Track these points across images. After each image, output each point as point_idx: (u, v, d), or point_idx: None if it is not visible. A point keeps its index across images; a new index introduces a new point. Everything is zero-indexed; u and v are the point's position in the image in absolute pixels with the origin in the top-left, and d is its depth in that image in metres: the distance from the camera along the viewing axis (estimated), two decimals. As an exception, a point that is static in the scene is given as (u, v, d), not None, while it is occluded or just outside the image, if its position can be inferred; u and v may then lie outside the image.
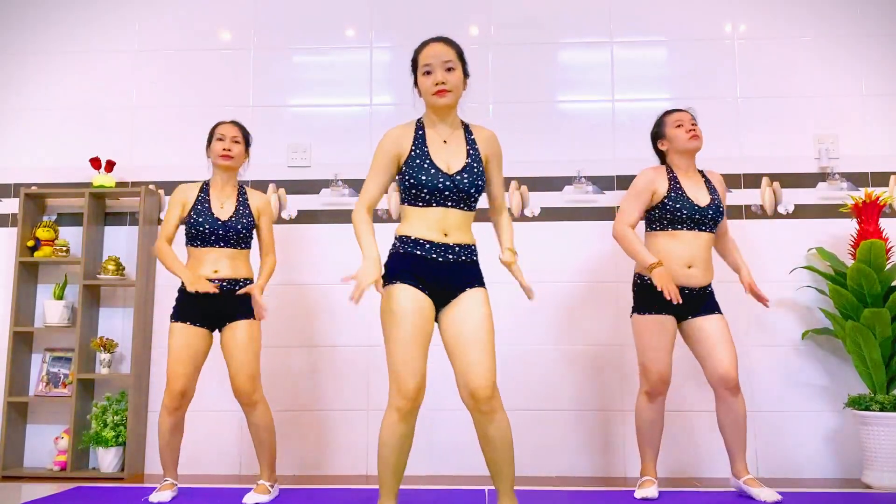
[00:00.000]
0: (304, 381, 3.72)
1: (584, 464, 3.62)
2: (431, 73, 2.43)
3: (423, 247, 2.40)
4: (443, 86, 2.41)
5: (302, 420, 3.69)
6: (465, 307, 2.38)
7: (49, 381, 3.75)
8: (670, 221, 3.00)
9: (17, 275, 3.69)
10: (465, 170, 2.44)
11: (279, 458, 3.54)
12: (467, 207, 2.45)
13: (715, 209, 3.01)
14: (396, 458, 2.36)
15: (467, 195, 2.43)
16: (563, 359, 3.69)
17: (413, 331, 2.33)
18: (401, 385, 2.32)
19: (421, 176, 2.40)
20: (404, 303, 2.34)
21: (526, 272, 3.69)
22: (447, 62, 2.43)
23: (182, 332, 2.94)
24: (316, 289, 3.78)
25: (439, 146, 2.47)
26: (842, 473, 3.55)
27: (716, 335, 2.94)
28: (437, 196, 2.40)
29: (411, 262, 2.40)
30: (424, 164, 2.41)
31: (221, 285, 2.98)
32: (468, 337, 2.34)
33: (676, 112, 3.12)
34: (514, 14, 3.96)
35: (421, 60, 2.47)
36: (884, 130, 3.79)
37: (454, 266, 2.41)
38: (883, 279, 3.32)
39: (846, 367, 3.59)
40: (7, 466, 3.58)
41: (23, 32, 4.06)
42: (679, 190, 3.01)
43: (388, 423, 2.35)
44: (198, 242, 3.02)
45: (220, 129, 3.13)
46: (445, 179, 2.40)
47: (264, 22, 4.01)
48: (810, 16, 3.90)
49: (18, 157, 3.97)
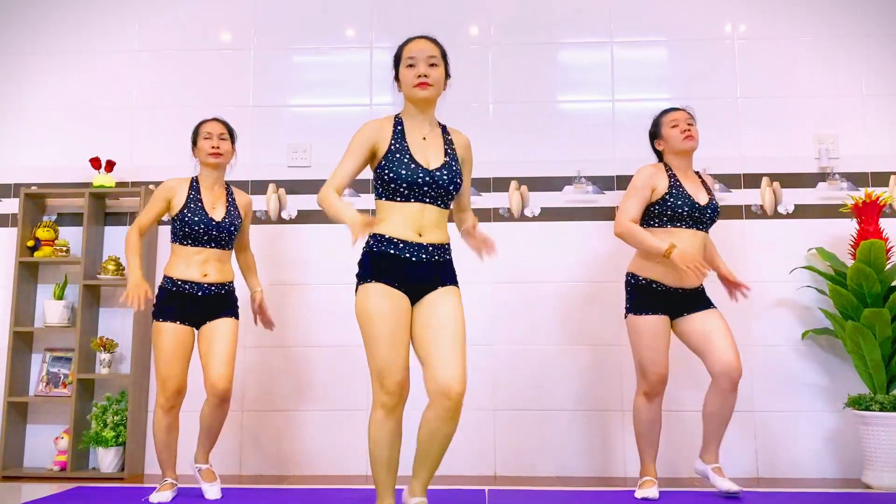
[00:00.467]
0: (304, 381, 3.72)
1: (585, 464, 3.62)
2: (414, 67, 2.44)
3: (396, 246, 2.39)
4: (425, 79, 2.42)
5: (302, 420, 3.69)
6: (437, 303, 2.39)
7: (49, 381, 3.75)
8: (670, 218, 2.99)
9: (17, 275, 3.69)
10: (444, 167, 2.44)
11: (281, 456, 3.54)
12: (444, 205, 2.46)
13: (713, 209, 3.02)
14: (389, 455, 2.37)
15: (445, 192, 2.43)
16: (562, 359, 3.68)
17: (392, 327, 2.33)
18: (384, 381, 2.32)
19: (401, 170, 2.39)
20: (381, 300, 2.35)
21: (526, 272, 3.70)
22: (431, 57, 2.44)
23: (170, 331, 2.93)
24: (316, 289, 3.78)
25: (419, 142, 2.47)
26: (842, 473, 3.54)
27: (716, 328, 2.94)
28: (416, 191, 2.40)
29: (385, 261, 2.39)
30: (404, 159, 2.41)
31: (210, 288, 3.00)
32: (440, 333, 2.33)
33: (673, 111, 3.11)
34: (514, 14, 3.96)
35: (405, 54, 2.47)
36: (884, 130, 3.79)
37: (427, 265, 2.41)
38: (883, 279, 3.32)
39: (846, 367, 3.59)
40: (7, 466, 3.58)
41: (23, 32, 4.06)
42: (680, 187, 3.01)
43: (375, 420, 2.36)
44: (188, 241, 3.00)
45: (206, 128, 3.12)
46: (425, 175, 2.40)
47: (264, 22, 4.01)
48: (810, 16, 3.90)
49: (18, 157, 3.97)
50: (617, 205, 3.74)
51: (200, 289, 2.98)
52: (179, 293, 2.96)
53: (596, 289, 3.73)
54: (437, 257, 2.44)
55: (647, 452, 3.05)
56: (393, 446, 2.37)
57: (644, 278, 3.00)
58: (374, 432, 2.35)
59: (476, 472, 3.60)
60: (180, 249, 3.01)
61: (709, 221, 3.02)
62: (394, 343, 2.32)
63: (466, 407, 3.51)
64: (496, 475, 3.60)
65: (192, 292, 2.97)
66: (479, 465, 3.62)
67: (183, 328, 2.96)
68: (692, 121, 3.09)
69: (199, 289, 2.98)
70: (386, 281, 2.37)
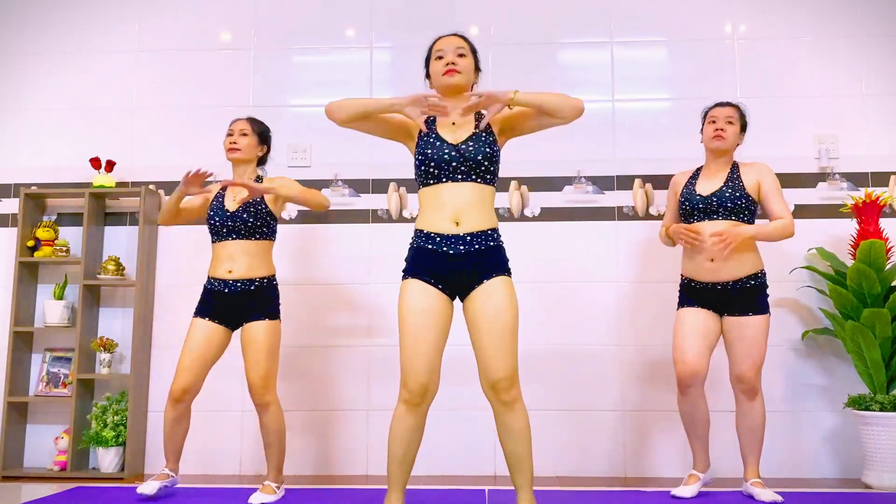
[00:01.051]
0: (304, 381, 3.72)
1: (585, 464, 3.62)
2: (442, 58, 2.49)
3: (434, 241, 2.41)
4: (453, 66, 2.46)
5: (302, 420, 3.69)
6: (484, 298, 2.38)
7: (49, 381, 3.75)
8: (683, 215, 3.06)
9: (17, 275, 3.69)
10: (471, 139, 2.44)
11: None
12: (480, 180, 2.42)
13: (720, 195, 2.96)
14: (404, 451, 2.39)
15: (475, 164, 2.41)
16: (563, 358, 3.68)
17: (419, 331, 2.35)
18: (406, 381, 2.37)
19: (427, 150, 2.43)
20: (414, 300, 2.37)
21: (526, 272, 3.69)
22: (459, 48, 2.50)
23: (198, 327, 2.97)
24: (315, 289, 3.78)
25: (448, 126, 2.50)
26: (842, 473, 3.54)
27: (740, 335, 2.93)
28: (445, 169, 2.40)
29: (425, 258, 2.41)
30: (431, 139, 2.45)
31: (235, 285, 2.98)
32: (485, 330, 2.35)
33: (717, 107, 3.09)
34: (514, 14, 3.96)
35: (434, 49, 2.54)
36: (884, 130, 3.79)
37: (467, 257, 2.39)
38: (883, 279, 3.32)
39: (846, 367, 3.59)
40: (7, 466, 3.58)
41: (23, 32, 4.06)
42: (691, 185, 3.06)
43: (397, 415, 2.40)
44: (215, 237, 3.05)
45: (231, 125, 3.15)
46: (451, 150, 2.41)
47: (264, 22, 4.01)
48: (810, 16, 3.89)
49: (18, 157, 3.97)
50: (617, 205, 3.77)
51: (226, 286, 2.97)
52: (212, 291, 3.00)
53: (596, 289, 3.73)
54: (479, 246, 2.41)
55: (692, 444, 3.05)
56: (410, 443, 2.40)
57: (685, 277, 3.07)
58: (394, 426, 2.40)
59: (476, 472, 3.60)
60: (213, 247, 3.07)
61: (721, 209, 2.96)
62: (420, 343, 2.35)
63: (466, 407, 3.54)
64: (496, 475, 3.60)
65: (220, 290, 2.98)
66: (479, 465, 3.62)
67: (213, 326, 2.97)
68: (733, 119, 3.04)
69: (224, 286, 2.98)
70: (425, 278, 2.39)
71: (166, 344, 3.73)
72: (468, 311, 2.42)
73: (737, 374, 2.94)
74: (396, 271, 2.54)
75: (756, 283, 2.96)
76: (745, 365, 2.92)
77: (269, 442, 3.00)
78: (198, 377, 2.95)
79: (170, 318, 3.75)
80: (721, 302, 2.97)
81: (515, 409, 2.37)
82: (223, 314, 2.98)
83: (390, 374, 3.60)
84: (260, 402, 2.95)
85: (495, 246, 2.44)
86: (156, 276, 3.83)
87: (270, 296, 3.02)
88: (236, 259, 2.99)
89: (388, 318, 3.67)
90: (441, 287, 2.40)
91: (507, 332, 2.36)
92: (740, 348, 2.93)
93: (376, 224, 3.82)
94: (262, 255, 3.03)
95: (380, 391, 3.68)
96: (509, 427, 2.38)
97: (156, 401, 3.72)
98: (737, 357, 2.94)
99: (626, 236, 3.75)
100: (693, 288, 3.01)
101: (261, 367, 2.94)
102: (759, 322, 2.93)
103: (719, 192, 2.98)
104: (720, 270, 2.93)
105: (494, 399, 2.38)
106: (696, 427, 3.02)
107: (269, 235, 3.07)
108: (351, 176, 3.83)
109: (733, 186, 2.99)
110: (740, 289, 2.94)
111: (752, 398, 2.94)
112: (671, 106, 3.86)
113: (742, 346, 2.93)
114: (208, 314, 2.98)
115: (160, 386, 3.70)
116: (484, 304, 2.37)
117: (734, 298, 2.95)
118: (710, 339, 2.98)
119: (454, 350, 2.69)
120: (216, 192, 3.12)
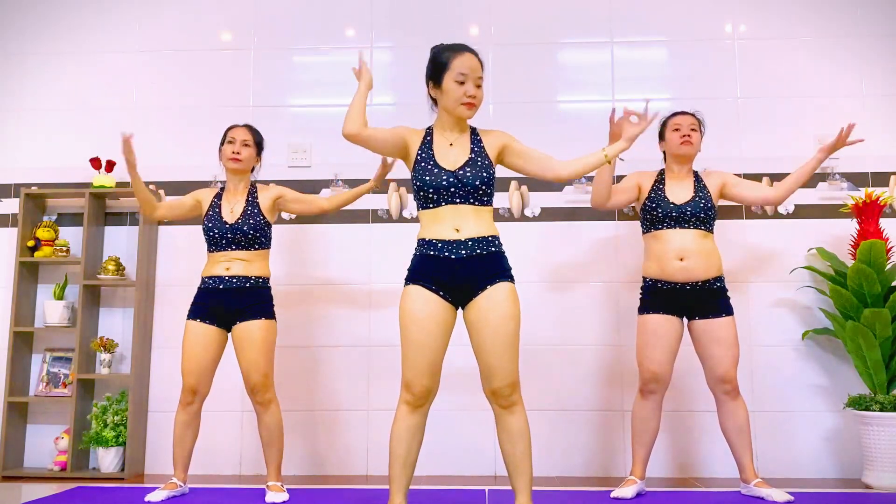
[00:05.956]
0: (304, 382, 3.72)
1: (585, 464, 3.62)
2: (464, 84, 2.44)
3: (435, 246, 2.42)
4: (472, 100, 2.45)
5: (302, 420, 3.69)
6: (489, 306, 2.38)
7: (49, 381, 3.75)
8: (652, 221, 3.06)
9: (17, 275, 3.69)
10: (468, 164, 2.45)
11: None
12: (478, 202, 2.45)
13: (695, 205, 3.00)
14: (406, 451, 2.39)
15: (474, 189, 2.43)
16: (562, 359, 3.68)
17: (420, 336, 2.36)
18: (409, 385, 2.39)
19: (425, 177, 2.43)
20: (415, 306, 2.38)
21: (526, 272, 3.69)
22: (479, 78, 2.47)
23: (193, 330, 2.97)
24: (315, 289, 3.78)
25: (445, 148, 2.49)
26: (842, 473, 3.54)
27: (716, 337, 2.95)
28: (444, 194, 2.42)
29: (427, 264, 2.42)
30: (428, 166, 2.45)
31: (231, 281, 2.99)
32: (490, 339, 2.36)
33: (679, 115, 3.13)
34: (514, 14, 3.96)
35: (455, 66, 2.44)
36: (884, 130, 3.78)
37: (469, 262, 2.40)
38: (883, 279, 3.32)
39: (846, 367, 3.59)
40: (7, 466, 3.58)
41: (23, 32, 4.06)
42: (660, 191, 3.07)
43: (398, 416, 2.42)
44: (212, 247, 3.06)
45: (231, 133, 3.14)
46: (449, 176, 2.42)
47: (264, 22, 4.01)
48: (810, 16, 3.89)
49: (18, 157, 3.97)
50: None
51: (222, 282, 2.99)
52: (206, 290, 3.00)
53: (596, 289, 3.73)
54: (480, 251, 2.42)
55: (637, 451, 3.05)
56: (412, 443, 2.41)
57: (650, 279, 3.04)
58: (395, 427, 2.41)
59: (476, 472, 3.60)
60: (209, 256, 3.07)
61: (693, 219, 2.99)
62: (422, 349, 2.36)
63: (466, 407, 3.54)
64: (496, 475, 3.60)
65: (215, 286, 2.99)
66: (479, 465, 3.62)
67: (208, 328, 2.97)
68: (696, 126, 3.09)
69: (220, 282, 2.99)
70: (426, 284, 2.40)
71: (166, 344, 3.73)
72: (471, 317, 2.41)
73: (720, 375, 2.94)
74: (397, 271, 2.55)
75: (720, 284, 3.02)
76: (726, 365, 2.93)
77: (271, 441, 3.00)
78: (203, 379, 2.97)
79: (170, 318, 3.75)
80: (686, 306, 2.99)
81: (515, 412, 2.40)
82: (217, 314, 2.98)
83: (390, 375, 3.60)
84: (262, 400, 2.95)
85: (497, 252, 2.46)
86: (156, 276, 3.83)
87: (265, 296, 3.05)
88: (234, 263, 3.02)
89: (389, 318, 3.67)
90: (443, 294, 2.40)
91: (511, 341, 2.37)
92: (718, 350, 2.94)
93: (376, 224, 3.82)
94: (259, 262, 3.08)
95: (380, 391, 3.68)
96: (509, 428, 2.40)
97: (156, 401, 3.72)
98: (716, 359, 2.94)
99: (625, 236, 3.75)
100: (659, 290, 3.00)
101: (260, 366, 2.94)
102: (730, 323, 2.97)
103: (693, 203, 3.01)
104: (692, 269, 2.95)
105: (495, 402, 2.41)
106: (647, 435, 3.03)
107: (266, 245, 3.11)
108: (351, 176, 3.83)
109: (704, 197, 3.03)
110: (708, 289, 2.98)
111: (735, 398, 2.95)
112: (671, 106, 3.82)
113: (720, 348, 2.94)
114: (201, 315, 2.98)
115: (160, 386, 3.71)
116: (488, 312, 2.37)
117: (702, 300, 2.97)
118: (675, 345, 3.00)
119: (454, 350, 2.68)
120: (210, 199, 3.11)
